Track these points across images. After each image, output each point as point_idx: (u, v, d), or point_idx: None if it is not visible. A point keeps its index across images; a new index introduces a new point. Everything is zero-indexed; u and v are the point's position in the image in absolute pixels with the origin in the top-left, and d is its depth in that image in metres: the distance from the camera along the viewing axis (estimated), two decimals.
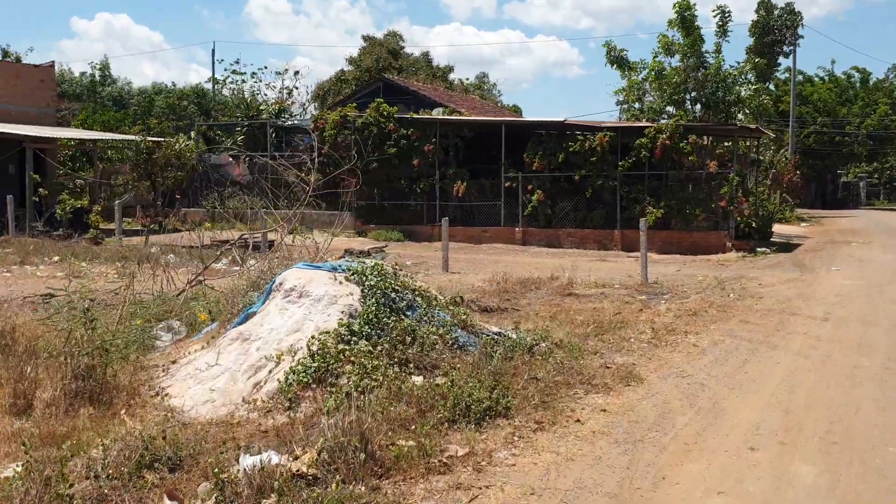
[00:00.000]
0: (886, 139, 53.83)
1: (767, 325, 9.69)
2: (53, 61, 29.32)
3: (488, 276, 15.24)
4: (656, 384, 6.85)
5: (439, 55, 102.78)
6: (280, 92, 41.48)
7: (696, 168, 21.56)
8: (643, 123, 22.49)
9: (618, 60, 25.25)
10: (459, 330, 7.64)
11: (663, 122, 22.39)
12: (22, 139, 23.26)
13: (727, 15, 25.18)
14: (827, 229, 31.34)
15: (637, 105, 26.18)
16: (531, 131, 23.75)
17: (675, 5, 24.08)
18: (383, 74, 33.93)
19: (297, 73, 41.14)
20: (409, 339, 6.95)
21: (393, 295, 7.46)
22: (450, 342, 7.29)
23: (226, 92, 42.47)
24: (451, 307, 8.08)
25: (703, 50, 24.69)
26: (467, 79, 48.95)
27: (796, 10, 48.58)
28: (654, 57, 25.11)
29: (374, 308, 7.06)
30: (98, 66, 54.28)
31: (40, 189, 23.10)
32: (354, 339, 6.61)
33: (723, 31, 25.16)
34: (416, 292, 7.82)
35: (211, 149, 28.78)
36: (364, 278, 7.39)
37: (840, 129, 53.10)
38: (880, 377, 7.05)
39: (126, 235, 23.64)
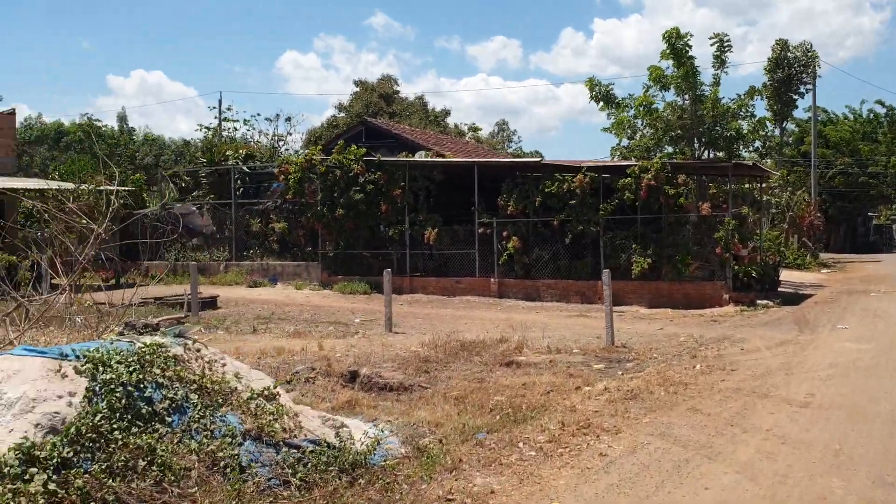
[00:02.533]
0: None
1: (721, 417, 7.28)
2: (14, 108, 27.93)
3: (431, 338, 13.00)
4: None
5: (465, 105, 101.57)
6: (272, 139, 40.13)
7: (688, 211, 19.21)
8: (625, 162, 20.26)
9: (604, 97, 23.10)
10: (248, 441, 5.39)
11: (651, 160, 20.08)
12: None
13: (725, 44, 22.98)
14: (849, 276, 28.56)
15: (629, 143, 23.96)
16: (509, 173, 21.60)
17: (664, 35, 21.95)
18: (364, 118, 32.17)
19: (288, 119, 39.82)
20: (143, 463, 4.73)
21: (149, 393, 5.26)
22: (223, 463, 5.05)
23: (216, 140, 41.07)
24: (255, 402, 5.81)
25: (699, 81, 22.47)
26: (465, 123, 47.08)
27: (812, 48, 46.22)
28: (646, 91, 22.93)
29: (97, 416, 4.85)
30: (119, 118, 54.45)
31: None
32: (35, 471, 4.38)
33: (721, 61, 22.94)
34: (198, 385, 5.59)
35: (160, 203, 27.02)
36: (99, 370, 5.18)
37: (866, 168, 50.26)
38: None
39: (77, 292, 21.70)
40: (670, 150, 23.50)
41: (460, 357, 11.42)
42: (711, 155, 23.05)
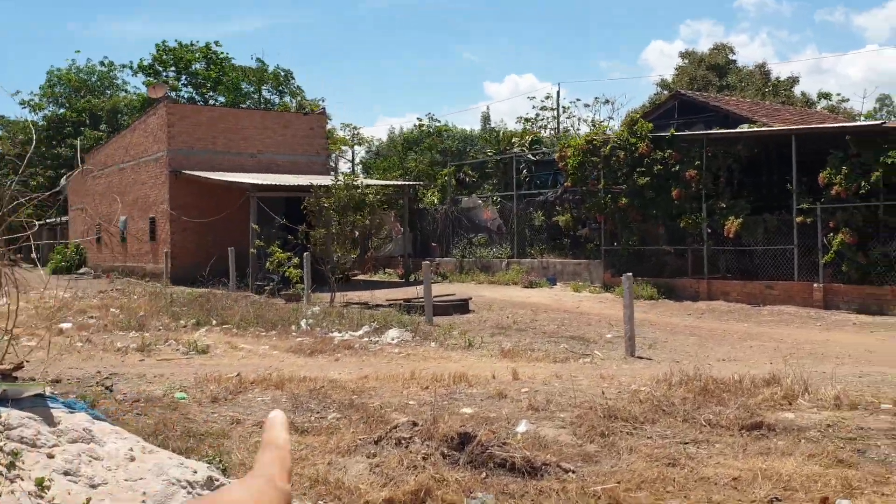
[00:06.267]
0: None
1: None
2: (324, 109, 28.72)
3: (672, 370, 9.26)
4: None
5: (853, 83, 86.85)
6: (591, 124, 37.42)
7: None
8: None
9: None
10: None
11: None
12: (247, 188, 22.22)
13: None
14: None
15: None
16: (838, 143, 16.21)
17: None
18: (678, 91, 27.71)
19: (607, 101, 36.73)
20: None
21: None
22: None
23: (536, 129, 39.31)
24: None
25: None
26: (828, 95, 38.83)
27: None
28: None
29: None
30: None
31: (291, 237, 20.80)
32: None
33: None
34: None
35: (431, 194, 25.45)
36: None
37: None
38: None
39: (361, 288, 21.07)
40: None
41: (678, 411, 7.62)
42: None
